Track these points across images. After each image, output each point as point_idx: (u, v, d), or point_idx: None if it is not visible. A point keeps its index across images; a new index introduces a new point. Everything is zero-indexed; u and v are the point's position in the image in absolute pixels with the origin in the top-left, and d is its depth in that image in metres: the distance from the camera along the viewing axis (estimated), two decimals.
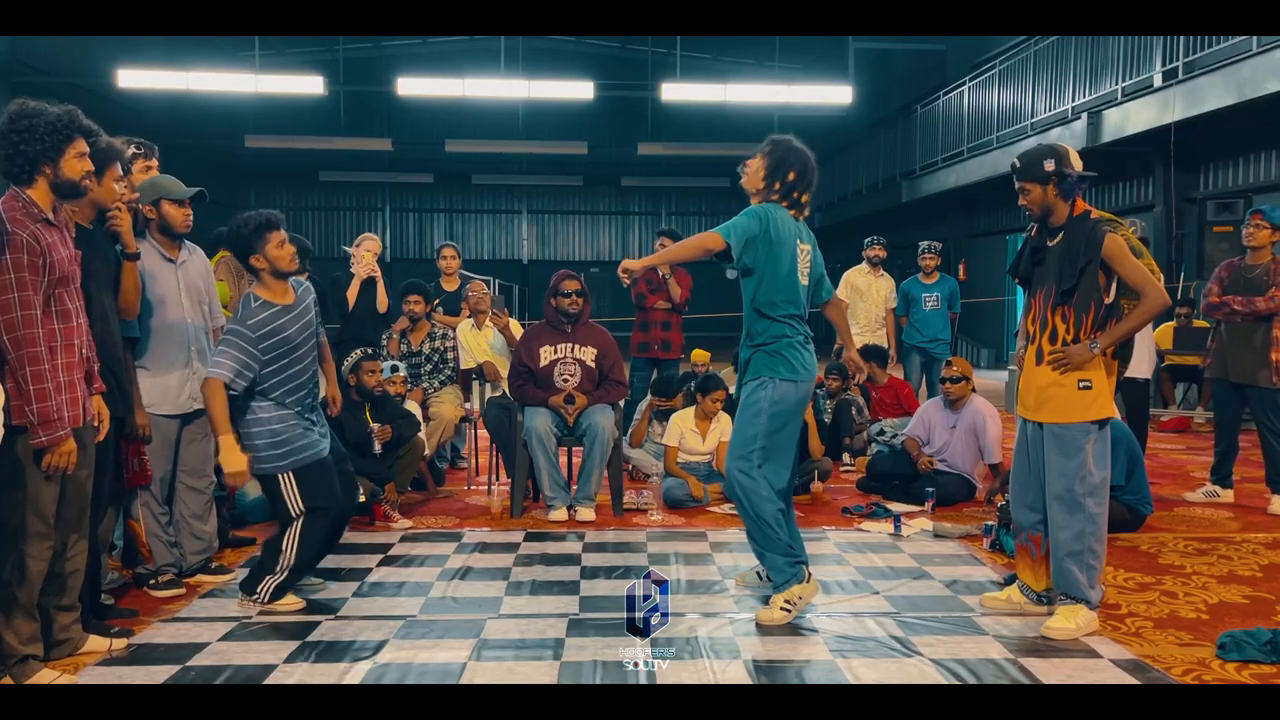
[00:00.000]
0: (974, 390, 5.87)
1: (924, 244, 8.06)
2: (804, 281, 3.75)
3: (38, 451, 2.87)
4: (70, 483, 3.01)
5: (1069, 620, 3.45)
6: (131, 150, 3.90)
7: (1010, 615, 3.67)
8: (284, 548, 3.68)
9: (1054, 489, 3.51)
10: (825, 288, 3.93)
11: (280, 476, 3.66)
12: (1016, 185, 3.55)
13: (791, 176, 3.70)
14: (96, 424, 3.17)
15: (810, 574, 3.69)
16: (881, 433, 6.87)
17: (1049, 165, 3.47)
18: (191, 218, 3.94)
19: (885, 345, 7.71)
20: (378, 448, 5.18)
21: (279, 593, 3.70)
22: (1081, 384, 3.46)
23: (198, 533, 4.06)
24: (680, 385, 6.52)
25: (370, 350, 5.45)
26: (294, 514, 3.68)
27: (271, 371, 3.64)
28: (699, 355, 7.51)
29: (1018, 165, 3.55)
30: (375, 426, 5.20)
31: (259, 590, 3.69)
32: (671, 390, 6.37)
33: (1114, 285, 3.47)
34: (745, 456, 3.66)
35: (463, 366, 6.43)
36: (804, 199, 3.77)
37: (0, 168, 2.91)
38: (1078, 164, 3.52)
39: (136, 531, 3.92)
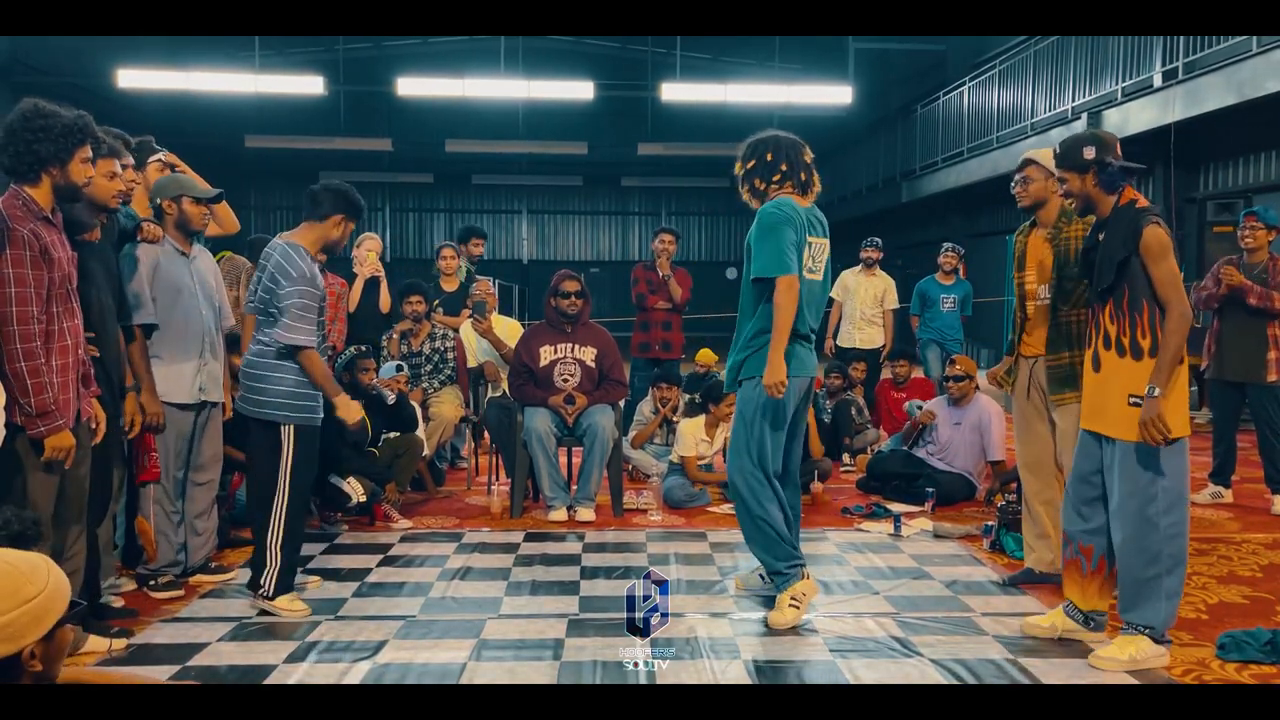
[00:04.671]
0: (978, 389, 5.88)
1: (947, 244, 8.09)
2: (809, 276, 3.64)
3: (36, 449, 2.87)
4: (69, 482, 3.01)
5: (1122, 650, 3.13)
6: (161, 157, 4.08)
7: (1011, 615, 3.65)
8: (270, 533, 3.60)
9: (1120, 507, 3.15)
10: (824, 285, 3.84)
11: (283, 428, 3.61)
12: (1057, 175, 3.39)
13: (768, 159, 3.64)
14: (94, 426, 3.18)
15: (807, 572, 3.68)
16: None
17: (1088, 153, 3.22)
18: (209, 217, 3.99)
19: (878, 343, 7.74)
20: (391, 398, 5.32)
21: (282, 586, 3.66)
22: (1132, 400, 3.09)
23: (199, 529, 4.07)
24: (685, 387, 6.52)
25: (365, 348, 5.45)
26: (281, 474, 3.60)
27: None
28: (705, 356, 7.49)
29: (1058, 151, 3.36)
30: (386, 380, 5.38)
31: (262, 583, 3.65)
32: (672, 377, 6.37)
33: None
34: (751, 461, 3.67)
35: (469, 365, 6.43)
36: (804, 178, 3.66)
37: (6, 163, 2.92)
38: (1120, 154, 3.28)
39: (145, 529, 3.91)
